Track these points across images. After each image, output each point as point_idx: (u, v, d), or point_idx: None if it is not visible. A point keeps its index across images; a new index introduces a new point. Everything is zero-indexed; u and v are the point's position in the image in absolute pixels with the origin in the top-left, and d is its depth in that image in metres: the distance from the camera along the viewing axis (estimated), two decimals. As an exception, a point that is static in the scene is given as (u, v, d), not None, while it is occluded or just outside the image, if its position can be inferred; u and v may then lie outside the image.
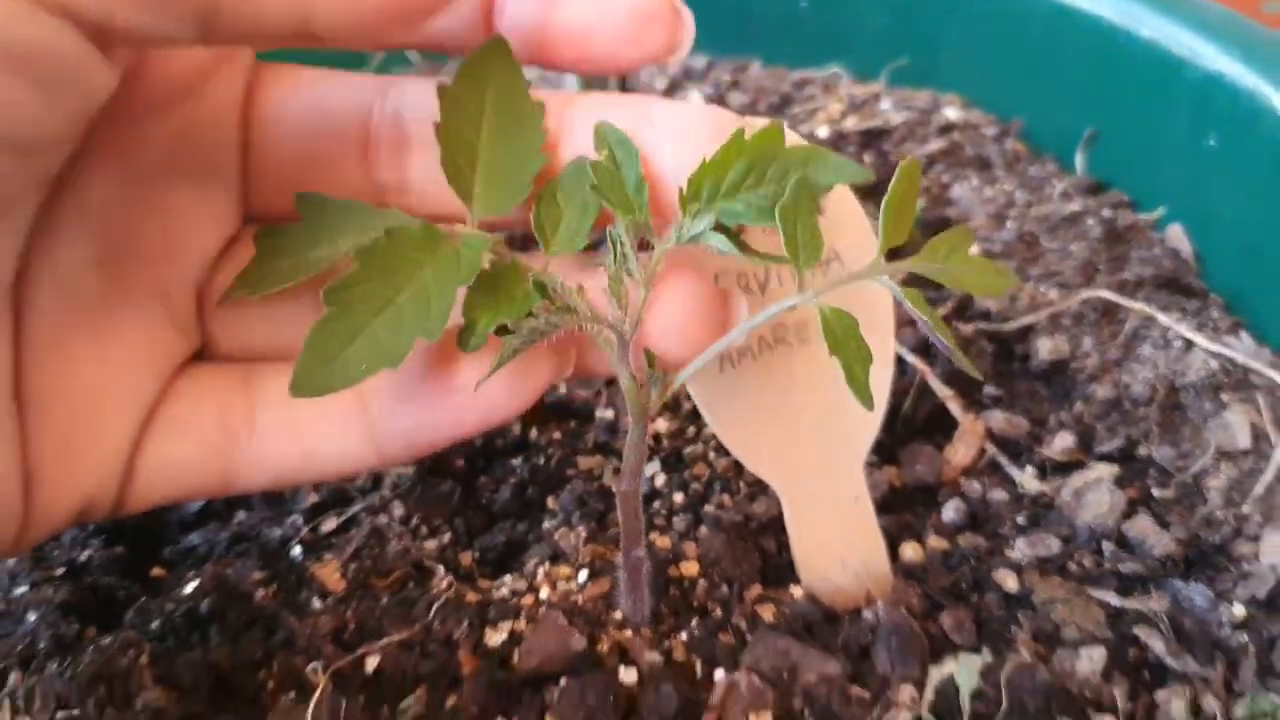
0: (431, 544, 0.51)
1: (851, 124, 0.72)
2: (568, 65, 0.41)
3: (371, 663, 0.45)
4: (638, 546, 0.45)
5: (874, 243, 0.44)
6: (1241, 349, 0.57)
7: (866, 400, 0.40)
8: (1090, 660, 0.46)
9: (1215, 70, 0.60)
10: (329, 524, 0.52)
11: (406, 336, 0.36)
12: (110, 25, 0.33)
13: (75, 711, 0.42)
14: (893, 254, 0.41)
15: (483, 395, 0.40)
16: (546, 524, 0.52)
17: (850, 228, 0.45)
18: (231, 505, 0.54)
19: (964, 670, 0.44)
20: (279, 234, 0.41)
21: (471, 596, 0.47)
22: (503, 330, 0.38)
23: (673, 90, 0.78)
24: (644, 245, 0.41)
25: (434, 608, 0.46)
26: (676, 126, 0.41)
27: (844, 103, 0.74)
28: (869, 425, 0.49)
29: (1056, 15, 0.69)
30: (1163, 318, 0.59)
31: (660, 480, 0.53)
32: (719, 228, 0.40)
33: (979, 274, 0.43)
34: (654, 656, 0.45)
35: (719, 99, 0.77)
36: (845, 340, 0.40)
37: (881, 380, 0.49)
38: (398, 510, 0.52)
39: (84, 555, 0.49)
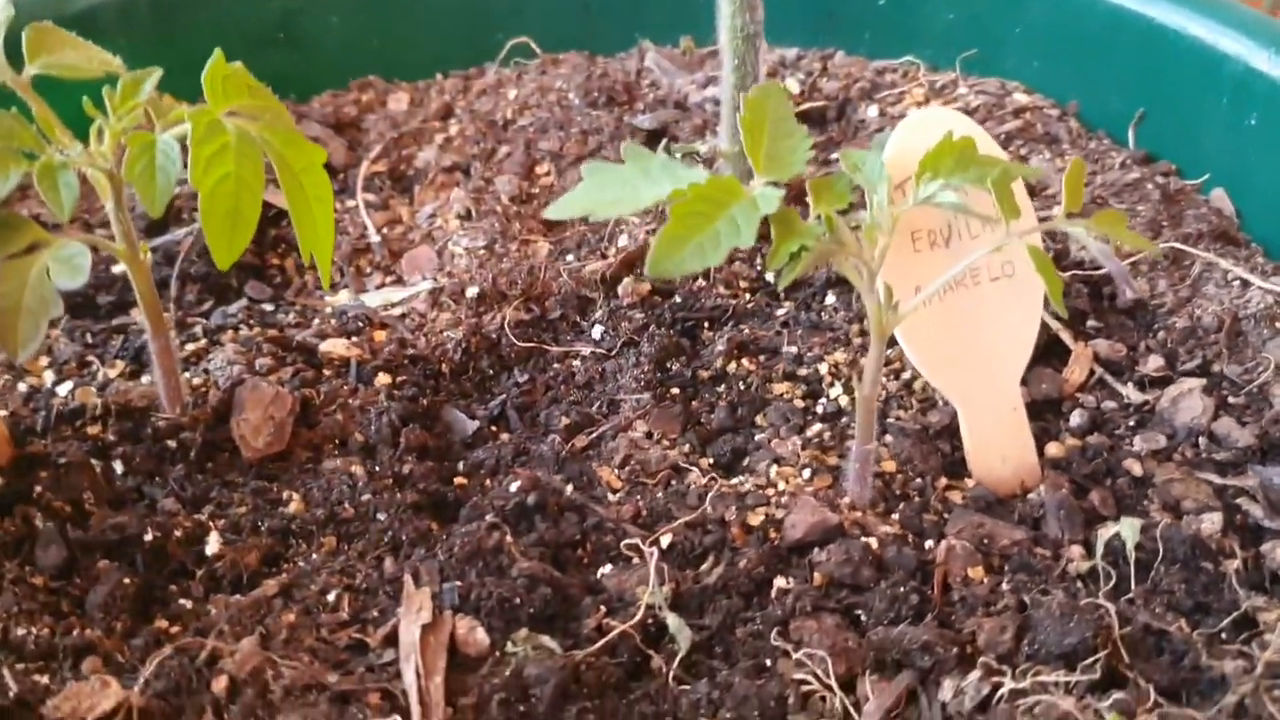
0: (674, 453, 0.62)
1: (936, 106, 0.85)
2: None
3: (666, 539, 0.56)
4: (870, 440, 0.58)
5: (1032, 213, 0.58)
6: (1287, 287, 0.72)
7: (1061, 306, 0.54)
8: (1211, 523, 0.59)
9: (1255, 65, 0.74)
10: (582, 441, 0.64)
11: (722, 249, 0.49)
12: None
13: (459, 582, 0.53)
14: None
15: None
16: (759, 436, 0.64)
17: (1021, 204, 0.58)
18: (494, 427, 0.65)
19: (1128, 528, 0.57)
20: (606, 172, 0.52)
21: (725, 489, 0.59)
22: (797, 253, 0.51)
23: (772, 77, 0.90)
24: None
25: (704, 497, 0.58)
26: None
27: (925, 88, 0.87)
28: (1025, 349, 0.63)
29: (1111, 15, 0.82)
30: (1222, 263, 0.73)
31: (844, 400, 0.66)
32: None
33: (1135, 237, 0.56)
34: (885, 529, 0.58)
35: (812, 85, 0.89)
36: (1046, 266, 0.53)
37: (1037, 315, 0.62)
38: (640, 428, 0.64)
39: (405, 469, 0.60)
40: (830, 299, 0.71)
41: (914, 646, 0.51)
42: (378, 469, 0.61)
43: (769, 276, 0.74)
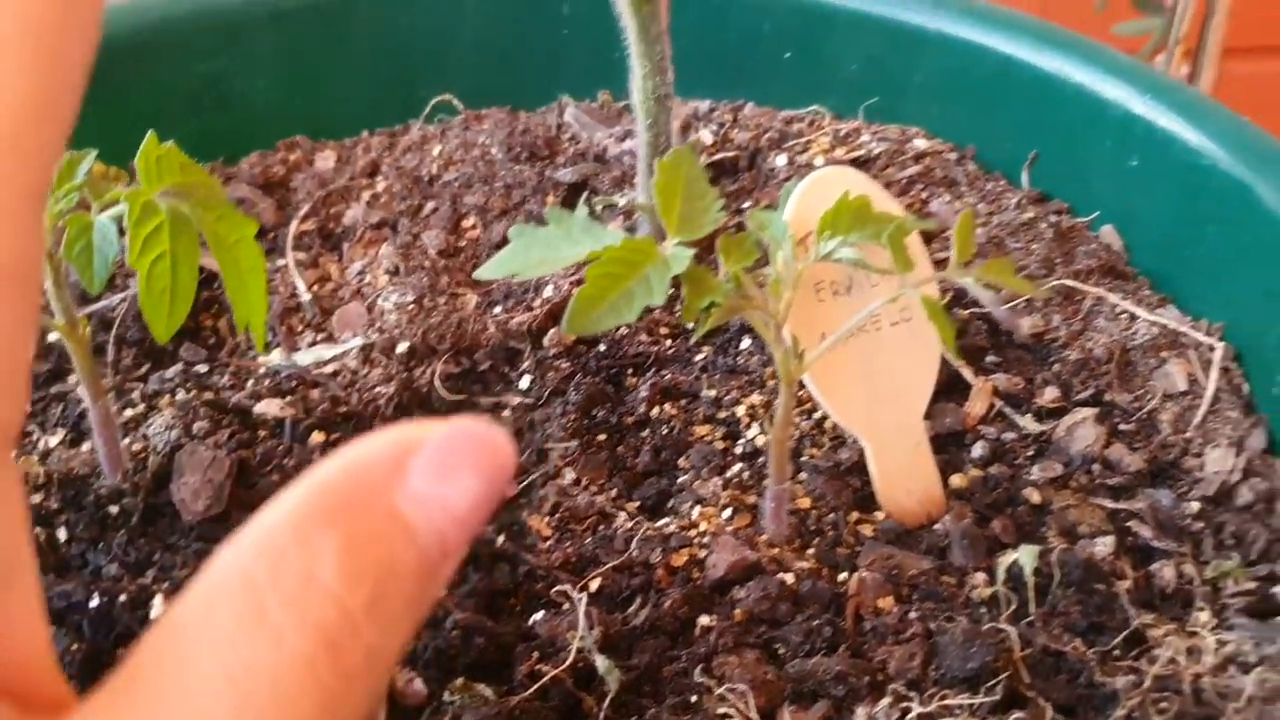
0: (602, 498, 0.65)
1: (840, 154, 0.89)
2: None
3: (595, 584, 0.60)
4: (783, 480, 0.62)
5: (927, 261, 0.63)
6: (1170, 318, 0.76)
7: (956, 352, 0.59)
8: (1104, 545, 0.63)
9: (1134, 110, 0.79)
10: (512, 490, 0.67)
11: (636, 307, 0.52)
12: None
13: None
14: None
15: None
16: (682, 478, 0.67)
17: (915, 254, 0.62)
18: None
19: (1027, 555, 0.61)
20: (531, 234, 0.56)
21: (650, 532, 0.63)
22: (709, 307, 0.55)
23: (685, 130, 0.94)
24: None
25: (630, 541, 0.62)
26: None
27: (830, 136, 0.91)
28: (926, 388, 0.67)
29: (1001, 63, 0.87)
30: (1111, 297, 0.77)
31: (761, 440, 0.69)
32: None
33: (1021, 283, 0.61)
34: (801, 564, 0.61)
35: (724, 136, 0.93)
36: (938, 313, 0.57)
37: (936, 356, 0.66)
38: (569, 475, 0.67)
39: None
40: (746, 343, 0.75)
41: (828, 677, 0.54)
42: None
43: (691, 325, 0.77)
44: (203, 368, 0.77)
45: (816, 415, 0.71)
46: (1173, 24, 1.46)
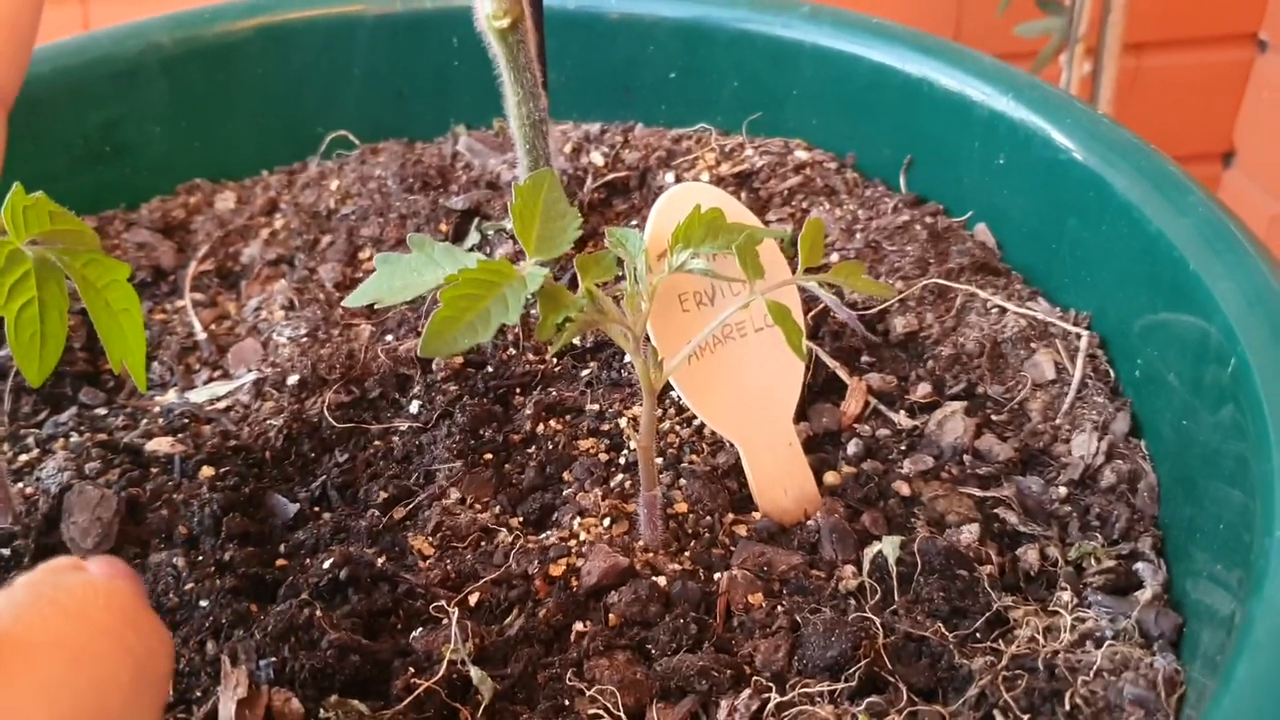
0: (486, 515, 0.67)
1: (725, 169, 0.92)
2: None
3: (473, 598, 0.61)
4: (653, 487, 0.63)
5: (785, 268, 0.65)
6: (1040, 310, 0.79)
7: (801, 355, 0.60)
8: (970, 533, 0.65)
9: (998, 109, 0.82)
10: (400, 512, 0.68)
11: (492, 325, 0.54)
12: None
13: (274, 658, 0.57)
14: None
15: None
16: (566, 491, 0.69)
17: (770, 261, 0.64)
18: (316, 508, 0.70)
19: (889, 545, 0.63)
20: (395, 262, 0.57)
21: (530, 544, 0.64)
22: (562, 324, 0.56)
23: (577, 153, 0.96)
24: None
25: (509, 554, 0.63)
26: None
27: (716, 152, 0.94)
28: (794, 389, 0.69)
29: (873, 71, 0.89)
30: (982, 293, 0.80)
31: (642, 451, 0.71)
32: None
33: (870, 284, 0.63)
34: (674, 566, 0.63)
35: (615, 157, 0.95)
36: (784, 318, 0.59)
37: (800, 360, 0.68)
38: (454, 494, 0.68)
39: (226, 555, 0.64)
40: (629, 357, 0.77)
41: (693, 673, 0.56)
42: (200, 558, 0.64)
43: (577, 341, 0.79)
44: (101, 410, 0.78)
45: (696, 422, 0.73)
46: (1072, 23, 1.50)
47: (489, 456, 0.72)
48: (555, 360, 0.78)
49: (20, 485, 0.69)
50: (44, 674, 0.33)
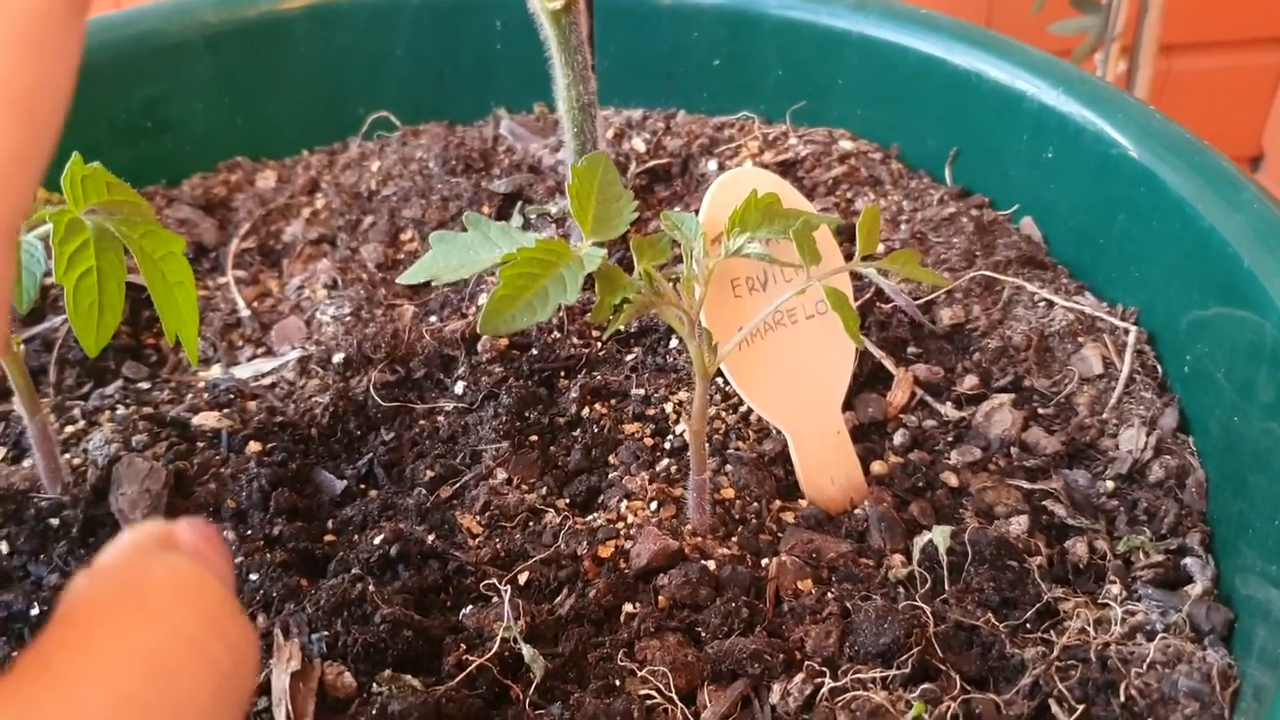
0: (533, 496, 0.67)
1: (769, 158, 0.92)
2: None
3: (523, 577, 0.61)
4: (703, 472, 0.63)
5: (839, 255, 0.65)
6: (1087, 304, 0.79)
7: (858, 341, 0.60)
8: (1019, 524, 0.65)
9: (1047, 102, 0.82)
10: (447, 491, 0.68)
11: (550, 305, 0.54)
12: None
13: (326, 632, 0.57)
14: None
15: None
16: (612, 474, 0.69)
17: (825, 248, 0.64)
18: (362, 485, 0.70)
19: (940, 535, 0.63)
20: (451, 240, 0.57)
21: (578, 526, 0.64)
22: (619, 305, 0.56)
23: (619, 139, 0.96)
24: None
25: (558, 535, 0.63)
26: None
27: (759, 140, 0.94)
28: (843, 378, 0.68)
29: (920, 62, 0.89)
30: (1029, 286, 0.80)
31: (689, 436, 0.71)
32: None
33: (926, 273, 0.63)
34: (723, 551, 0.63)
35: (657, 143, 0.95)
36: (842, 304, 0.59)
37: (851, 346, 0.68)
38: (501, 475, 0.68)
39: (275, 530, 0.64)
40: (674, 343, 0.77)
41: (745, 656, 0.56)
42: (249, 532, 0.64)
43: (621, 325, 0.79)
44: (145, 384, 0.78)
45: (742, 409, 0.73)
46: (1108, 22, 1.49)
47: (535, 438, 0.71)
48: (600, 344, 0.78)
49: (67, 456, 0.70)
50: (114, 685, 0.29)
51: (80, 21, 0.32)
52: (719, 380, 0.73)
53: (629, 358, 0.77)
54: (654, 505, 0.66)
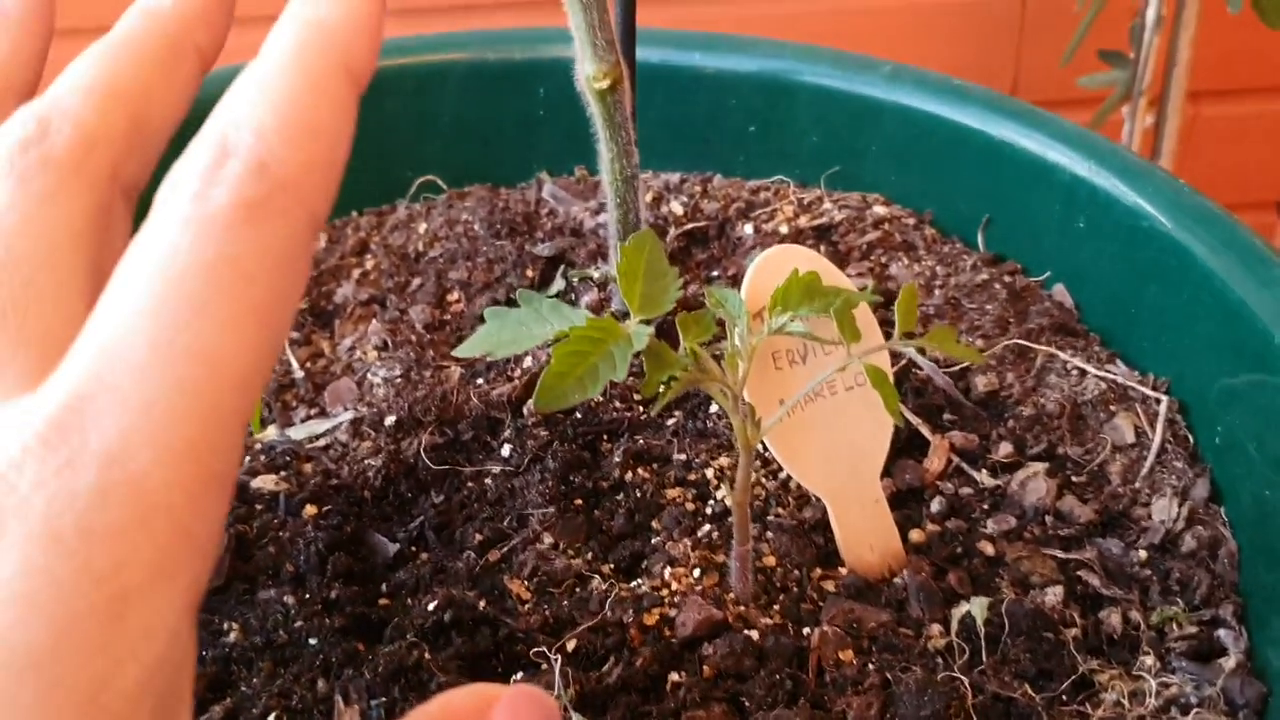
0: (578, 561, 0.69)
1: (804, 222, 0.94)
2: None
3: (571, 644, 0.63)
4: (746, 542, 0.65)
5: (877, 329, 0.67)
6: (1119, 373, 0.81)
7: (898, 419, 0.62)
8: (1054, 595, 0.67)
9: (1079, 174, 0.84)
10: (495, 555, 0.70)
11: (600, 382, 0.57)
12: None
13: (384, 698, 0.59)
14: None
15: None
16: (655, 540, 0.71)
17: (863, 323, 0.66)
18: (414, 547, 0.72)
19: (977, 607, 0.64)
20: (505, 315, 0.60)
21: (624, 593, 0.66)
22: (669, 380, 0.59)
23: (658, 202, 0.98)
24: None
25: (604, 602, 0.65)
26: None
27: (794, 205, 0.96)
28: (881, 448, 0.70)
29: (953, 131, 0.91)
30: (1062, 355, 0.81)
31: (730, 501, 0.73)
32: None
33: (964, 351, 0.65)
34: (766, 620, 0.65)
35: (694, 207, 0.97)
36: (883, 382, 0.61)
37: (889, 418, 0.70)
38: (547, 539, 0.70)
39: (332, 594, 0.66)
40: (714, 408, 0.79)
41: (789, 727, 0.58)
42: (308, 596, 0.67)
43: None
44: (201, 445, 0.81)
45: (782, 475, 0.75)
46: (1136, 75, 1.51)
47: (579, 502, 0.74)
48: (642, 409, 0.80)
49: (130, 518, 0.72)
50: None
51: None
52: (759, 446, 0.75)
53: (670, 422, 0.79)
54: (697, 572, 0.68)
